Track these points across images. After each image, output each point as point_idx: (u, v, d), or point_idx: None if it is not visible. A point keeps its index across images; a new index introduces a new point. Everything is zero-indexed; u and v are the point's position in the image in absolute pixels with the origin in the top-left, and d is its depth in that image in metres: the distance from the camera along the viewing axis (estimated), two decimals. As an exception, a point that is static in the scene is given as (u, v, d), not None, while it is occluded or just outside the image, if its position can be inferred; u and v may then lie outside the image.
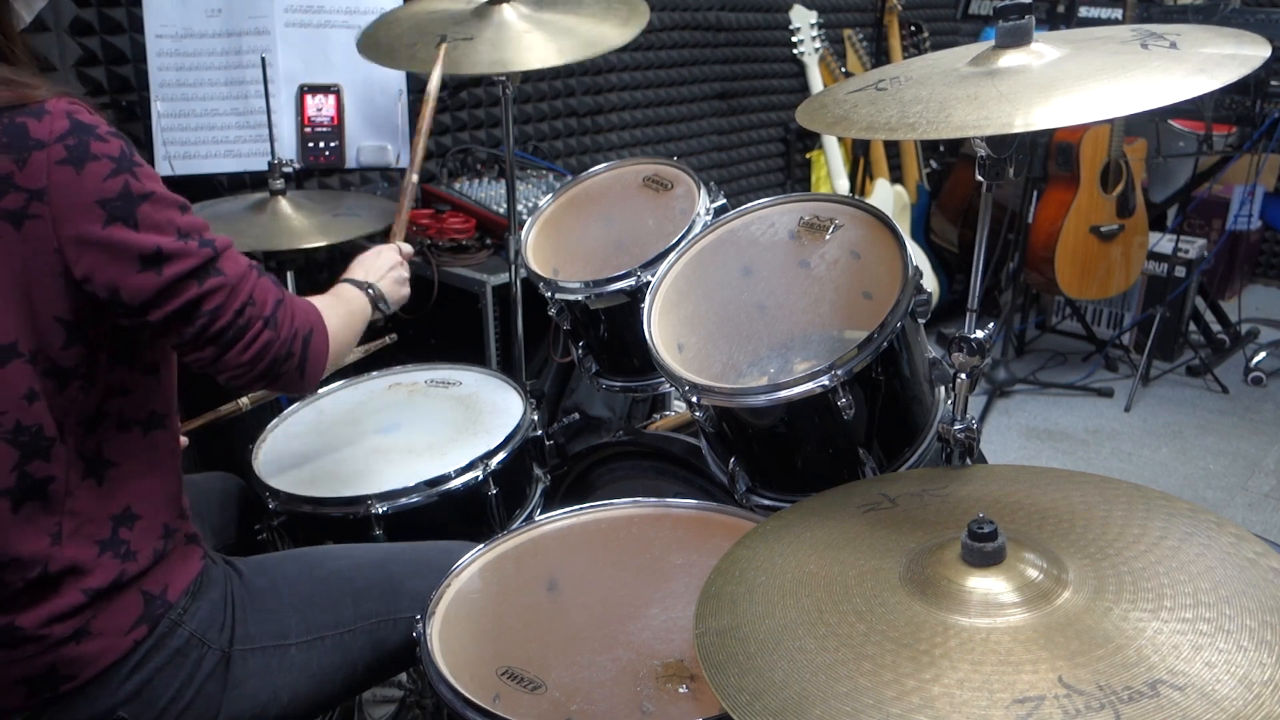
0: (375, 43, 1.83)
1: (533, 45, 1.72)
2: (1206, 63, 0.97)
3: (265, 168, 2.02)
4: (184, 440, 1.55)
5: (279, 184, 2.02)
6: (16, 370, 0.98)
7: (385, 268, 1.47)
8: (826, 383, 1.22)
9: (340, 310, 1.29)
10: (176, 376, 1.16)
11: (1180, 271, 3.67)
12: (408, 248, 1.57)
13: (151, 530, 1.11)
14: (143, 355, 1.09)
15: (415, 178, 1.71)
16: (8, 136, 0.94)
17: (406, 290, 1.51)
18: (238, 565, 1.24)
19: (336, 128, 2.18)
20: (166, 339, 1.06)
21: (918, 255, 3.74)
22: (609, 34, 1.78)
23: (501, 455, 1.57)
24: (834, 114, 1.12)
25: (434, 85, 1.70)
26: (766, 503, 1.37)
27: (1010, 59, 1.08)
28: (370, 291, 1.42)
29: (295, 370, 1.13)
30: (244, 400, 1.63)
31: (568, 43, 1.76)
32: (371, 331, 1.49)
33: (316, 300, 1.23)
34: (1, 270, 0.96)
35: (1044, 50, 1.08)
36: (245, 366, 1.08)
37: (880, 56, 3.93)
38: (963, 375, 1.20)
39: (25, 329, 0.98)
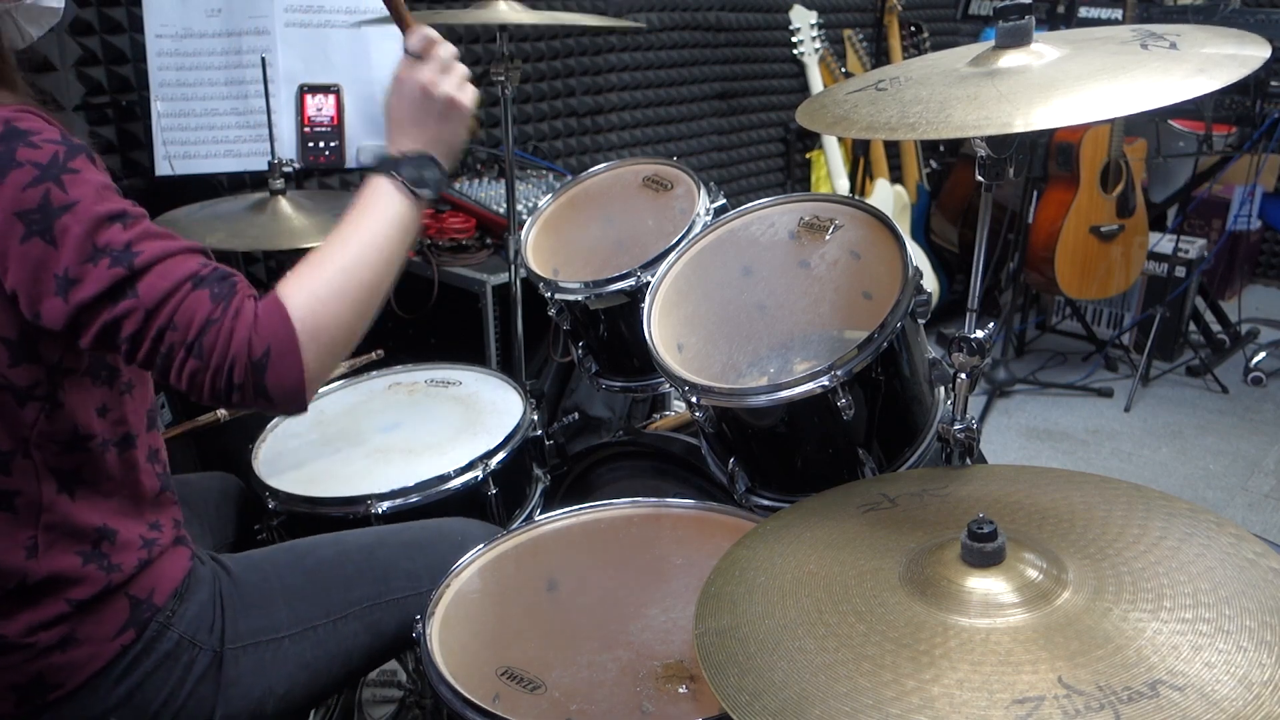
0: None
1: (525, 14, 1.73)
2: (1207, 63, 0.97)
3: (265, 168, 2.02)
4: None
5: (279, 184, 2.02)
6: None
7: (415, 103, 1.11)
8: (826, 383, 1.22)
9: (337, 268, 1.02)
10: (152, 391, 1.14)
11: (1180, 271, 3.67)
12: (423, 34, 1.14)
13: (131, 543, 1.09)
14: (121, 374, 1.07)
15: None
16: None
17: (467, 100, 1.12)
18: (225, 563, 1.23)
19: (336, 127, 2.18)
20: (112, 359, 1.00)
21: (918, 255, 3.74)
22: (601, 23, 1.79)
23: (501, 455, 1.57)
24: (834, 114, 1.12)
25: None
26: (766, 503, 1.37)
27: (1010, 59, 1.08)
28: (408, 174, 1.08)
29: (254, 397, 0.96)
30: (222, 412, 1.62)
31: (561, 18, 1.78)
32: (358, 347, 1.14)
33: (304, 271, 1.02)
34: None
35: (1044, 50, 1.08)
36: (191, 392, 0.96)
37: (880, 57, 3.93)
38: (963, 375, 1.20)
39: None
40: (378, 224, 1.07)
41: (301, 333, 0.97)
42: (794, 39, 3.62)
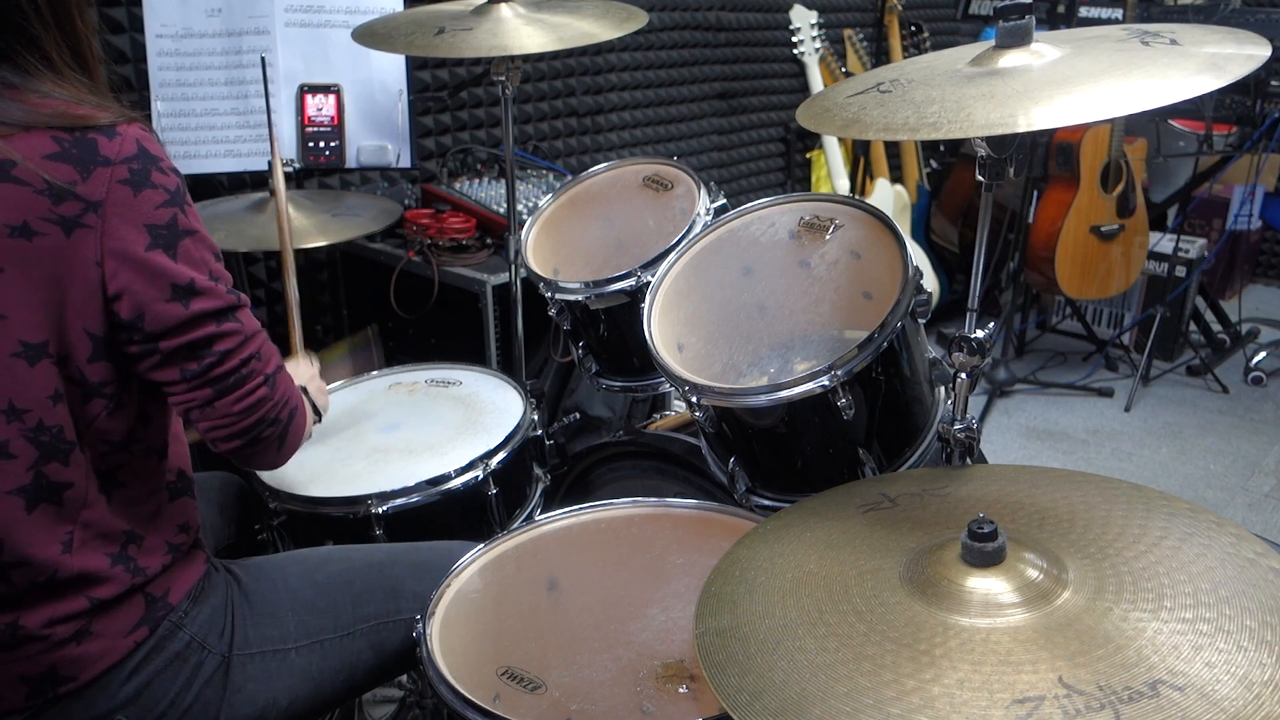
0: (371, 31, 1.83)
1: (530, 34, 1.72)
2: (1214, 58, 0.98)
3: (265, 167, 2.03)
4: None
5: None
6: (44, 370, 1.00)
7: (307, 375, 1.45)
8: (826, 383, 1.22)
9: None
10: None
11: (1180, 271, 3.67)
12: (313, 363, 1.54)
13: (157, 548, 1.12)
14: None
15: (293, 285, 1.68)
16: (77, 149, 0.97)
17: (328, 399, 1.50)
18: (236, 571, 1.24)
19: (337, 127, 2.18)
20: (167, 372, 1.05)
21: (918, 255, 3.74)
22: (604, 32, 1.78)
23: (502, 455, 1.57)
24: (843, 117, 1.11)
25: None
26: (766, 503, 1.37)
27: (1011, 59, 1.08)
28: (304, 394, 1.37)
29: (276, 439, 1.14)
30: None
31: (564, 34, 1.76)
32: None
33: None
34: (43, 273, 0.97)
35: (1044, 50, 1.08)
36: (234, 418, 1.08)
37: (880, 56, 3.93)
38: (963, 375, 1.20)
39: (55, 333, 0.99)
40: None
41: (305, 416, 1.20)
42: (794, 39, 3.62)
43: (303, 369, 1.48)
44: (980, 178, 1.13)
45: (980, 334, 1.17)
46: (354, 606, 1.26)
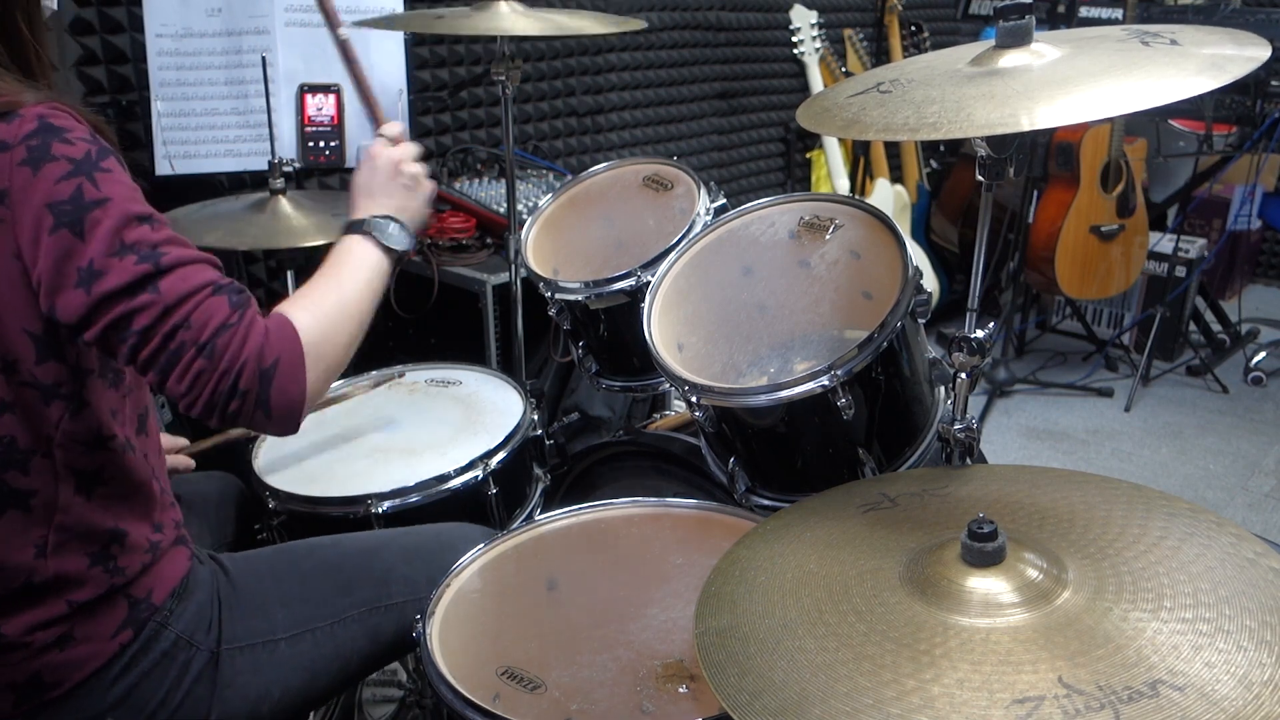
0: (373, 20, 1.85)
1: (528, 25, 1.73)
2: (1211, 61, 0.98)
3: (265, 167, 2.02)
4: (191, 463, 1.54)
5: (279, 183, 2.02)
6: None
7: (387, 176, 1.23)
8: (826, 383, 1.22)
9: (334, 300, 1.09)
10: (147, 395, 1.14)
11: (1180, 271, 3.67)
12: (396, 126, 1.29)
13: (138, 546, 1.09)
14: (124, 378, 1.07)
15: (344, 32, 1.41)
16: None
17: (427, 187, 1.26)
18: (224, 563, 1.22)
19: (337, 127, 2.18)
20: (116, 362, 1.00)
21: (918, 255, 3.73)
22: (602, 27, 1.79)
23: (502, 455, 1.57)
24: (843, 117, 1.11)
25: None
26: (766, 503, 1.37)
27: (1010, 59, 1.08)
28: (379, 232, 1.18)
29: (253, 408, 0.98)
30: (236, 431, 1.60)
31: (562, 25, 1.77)
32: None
33: (303, 300, 1.08)
34: None
35: (1044, 50, 1.08)
36: (186, 396, 0.96)
37: (880, 56, 3.93)
38: (963, 375, 1.20)
39: None
40: (361, 270, 1.16)
41: (309, 351, 1.02)
42: (794, 39, 3.62)
43: (379, 166, 1.22)
44: (980, 178, 1.13)
45: (980, 334, 1.17)
46: (344, 594, 1.24)
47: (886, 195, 3.76)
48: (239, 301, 0.99)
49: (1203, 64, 0.97)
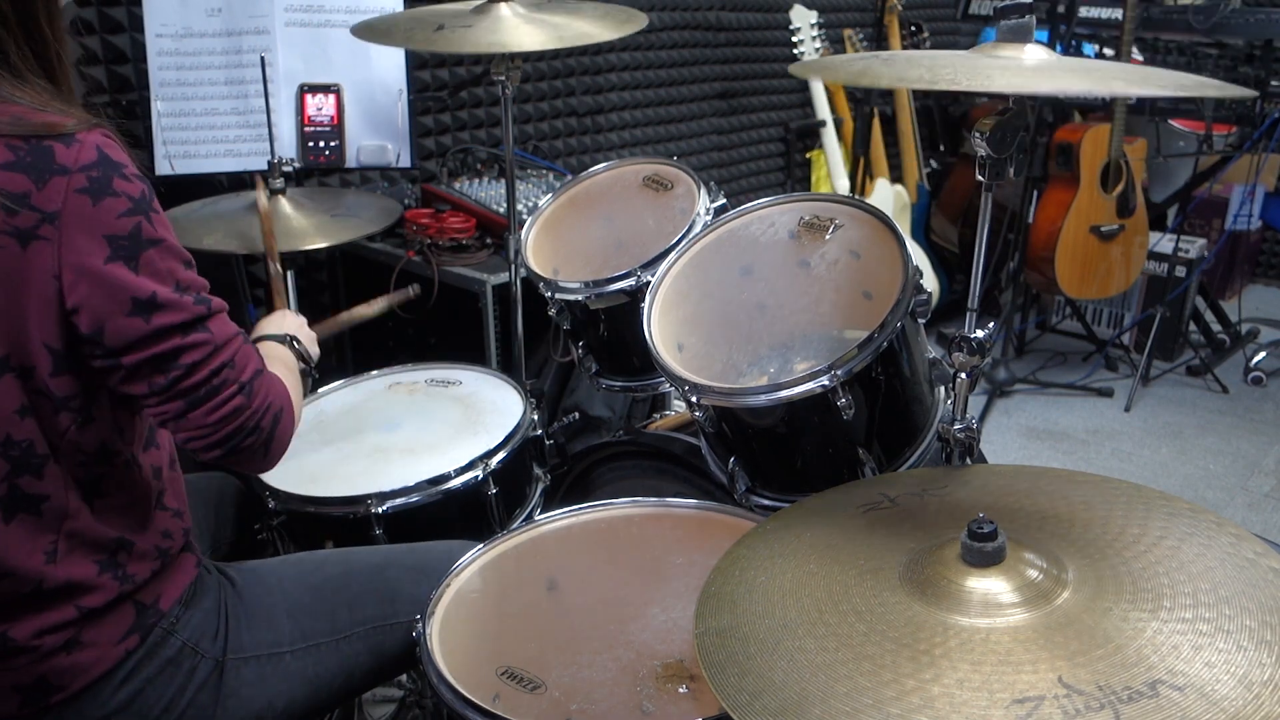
0: (370, 27, 1.83)
1: (529, 33, 1.72)
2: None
3: (265, 167, 2.02)
4: None
5: (279, 183, 2.02)
6: (7, 385, 0.97)
7: (294, 325, 1.43)
8: (826, 383, 1.22)
9: (291, 378, 1.25)
10: None
11: (1180, 271, 3.67)
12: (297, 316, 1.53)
13: (146, 554, 1.10)
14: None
15: (278, 267, 1.77)
16: (32, 156, 0.94)
17: (317, 349, 1.47)
18: (230, 573, 1.23)
19: (336, 127, 2.18)
20: (135, 386, 1.02)
21: (918, 255, 3.74)
22: (604, 32, 1.78)
23: (501, 455, 1.57)
24: (852, 69, 1.11)
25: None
26: (766, 503, 1.37)
27: (1009, 54, 1.08)
28: (295, 345, 1.38)
29: (260, 446, 1.10)
30: None
31: (564, 33, 1.76)
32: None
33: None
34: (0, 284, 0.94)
35: (1042, 54, 1.09)
36: (209, 429, 1.04)
37: (880, 56, 3.92)
38: (963, 375, 1.20)
39: (15, 347, 0.97)
40: (292, 364, 1.36)
41: (294, 404, 1.17)
42: (794, 39, 3.62)
43: (289, 320, 1.44)
44: (980, 178, 1.13)
45: (980, 334, 1.17)
46: (350, 610, 1.25)
47: (886, 195, 3.76)
48: (259, 353, 1.12)
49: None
